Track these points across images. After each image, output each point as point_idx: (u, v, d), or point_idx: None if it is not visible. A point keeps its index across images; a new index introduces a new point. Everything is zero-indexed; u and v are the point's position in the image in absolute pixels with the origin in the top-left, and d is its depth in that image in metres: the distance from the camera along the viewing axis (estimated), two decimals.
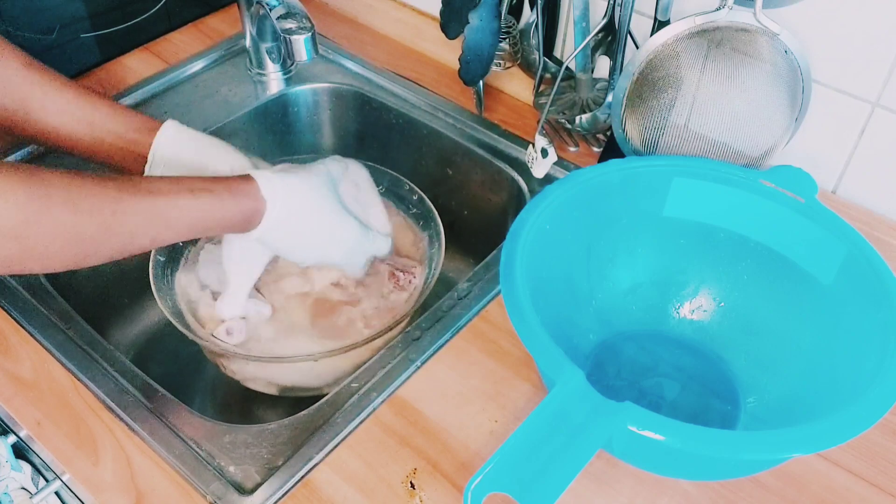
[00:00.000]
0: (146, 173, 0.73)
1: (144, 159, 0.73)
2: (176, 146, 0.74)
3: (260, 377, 0.79)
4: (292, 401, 0.81)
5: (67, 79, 0.72)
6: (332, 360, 0.75)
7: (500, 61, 0.96)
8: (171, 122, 0.75)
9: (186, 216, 0.63)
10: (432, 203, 0.86)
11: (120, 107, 0.74)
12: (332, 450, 0.65)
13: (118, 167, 0.75)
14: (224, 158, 0.75)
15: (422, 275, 0.82)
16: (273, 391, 0.80)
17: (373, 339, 0.74)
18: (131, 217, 0.60)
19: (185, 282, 0.79)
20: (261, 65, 1.02)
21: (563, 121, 0.94)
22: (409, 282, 0.81)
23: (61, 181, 0.57)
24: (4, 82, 0.69)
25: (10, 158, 0.90)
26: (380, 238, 0.77)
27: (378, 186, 0.90)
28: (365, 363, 0.72)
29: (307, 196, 0.69)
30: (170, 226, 0.62)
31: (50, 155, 0.90)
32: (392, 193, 0.90)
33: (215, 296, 0.77)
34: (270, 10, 0.83)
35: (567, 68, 0.85)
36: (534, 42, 0.95)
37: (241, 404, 0.89)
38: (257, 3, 0.91)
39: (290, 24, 0.81)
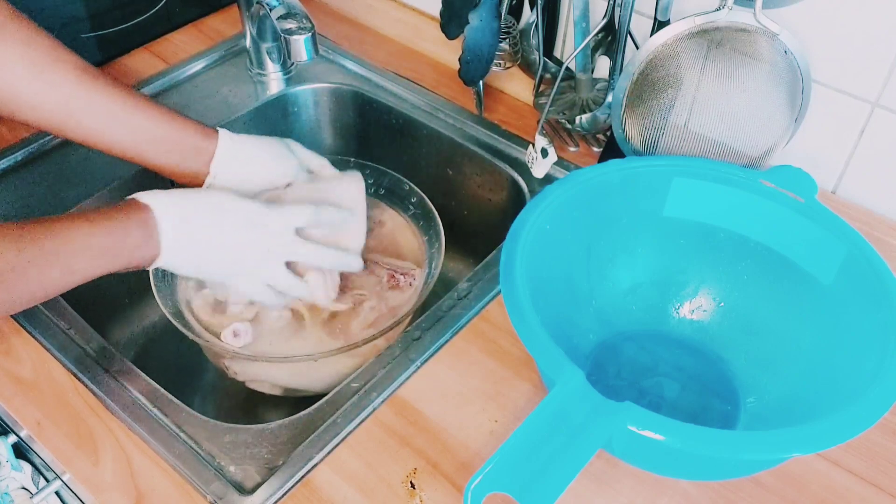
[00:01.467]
0: (206, 185, 0.75)
1: (198, 171, 0.75)
2: (233, 154, 0.75)
3: (264, 379, 0.79)
4: (292, 401, 0.82)
5: (119, 82, 0.73)
6: (334, 362, 0.75)
7: (500, 61, 0.96)
8: (224, 131, 0.76)
9: (88, 241, 0.63)
10: (432, 203, 0.86)
11: (174, 114, 0.74)
12: (332, 450, 0.65)
13: (170, 173, 0.76)
14: (273, 166, 0.77)
15: (421, 276, 0.82)
16: (278, 392, 0.80)
17: (372, 339, 0.74)
18: (35, 248, 0.60)
19: (185, 281, 0.79)
20: (261, 65, 1.02)
21: (563, 121, 0.94)
22: (410, 284, 0.81)
23: None
24: (57, 85, 0.69)
25: (21, 154, 0.90)
26: (298, 244, 0.73)
27: (378, 186, 0.90)
28: (365, 363, 0.72)
29: (200, 211, 0.69)
30: (75, 253, 0.62)
31: (59, 149, 0.90)
32: (392, 193, 0.90)
33: (218, 299, 0.77)
34: (270, 10, 0.83)
35: (567, 68, 0.85)
36: (534, 42, 0.95)
37: (241, 404, 0.90)
38: (257, 3, 0.91)
39: (290, 25, 0.81)
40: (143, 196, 0.67)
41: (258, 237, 0.70)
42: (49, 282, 0.62)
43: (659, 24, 0.81)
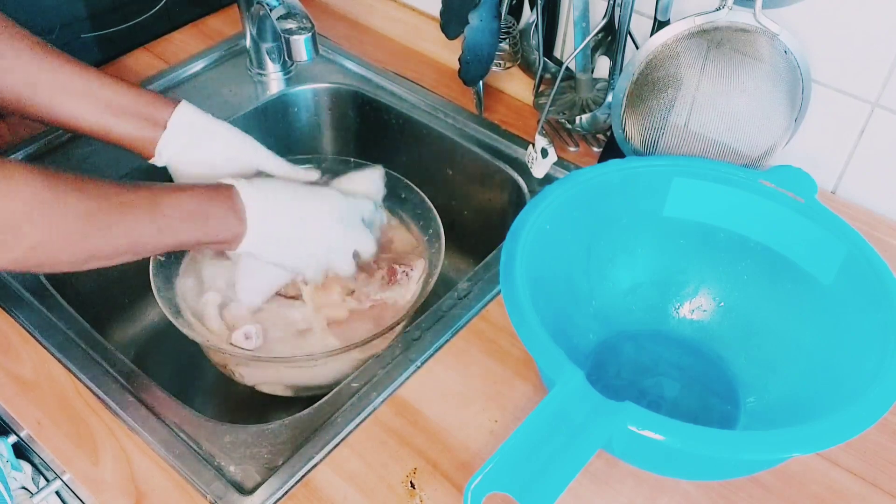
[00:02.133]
0: (158, 148, 0.75)
1: (155, 140, 0.75)
2: (189, 128, 0.75)
3: (273, 381, 0.79)
4: (293, 401, 0.82)
5: (71, 57, 0.73)
6: (342, 356, 0.75)
7: (500, 61, 0.96)
8: (184, 103, 0.76)
9: (182, 205, 0.65)
10: (432, 203, 0.86)
11: (129, 85, 0.75)
12: (332, 450, 0.65)
13: (130, 147, 0.76)
14: (233, 154, 0.77)
15: (421, 268, 0.82)
16: (288, 392, 0.80)
17: (374, 338, 0.74)
18: (135, 207, 0.62)
19: (185, 282, 0.79)
20: (261, 65, 1.02)
21: (563, 121, 0.94)
22: (407, 275, 0.82)
23: (69, 174, 0.60)
24: (12, 64, 0.70)
25: (21, 154, 0.90)
26: (364, 232, 0.77)
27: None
28: (366, 362, 0.72)
29: (284, 203, 0.71)
30: (169, 217, 0.64)
31: (61, 148, 0.90)
32: (392, 193, 0.90)
33: (222, 301, 0.78)
34: (270, 10, 0.83)
35: (567, 68, 0.85)
36: (534, 42, 0.95)
37: (240, 404, 0.90)
38: (257, 3, 0.91)
39: (290, 25, 0.81)
40: (225, 179, 0.69)
41: (342, 229, 0.74)
42: (143, 238, 0.63)
43: (659, 24, 0.81)
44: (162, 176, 0.77)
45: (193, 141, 0.75)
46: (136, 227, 0.63)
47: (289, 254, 0.72)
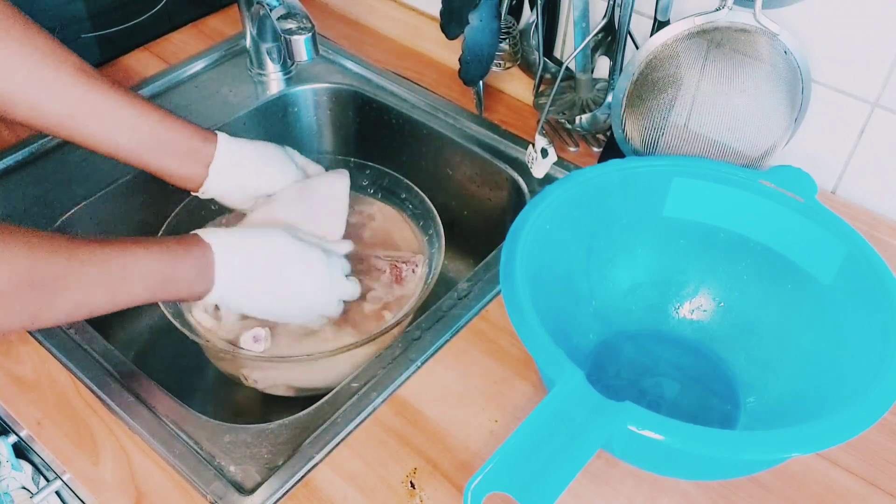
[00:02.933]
0: (204, 187, 0.76)
1: (201, 170, 0.75)
2: (232, 159, 0.76)
3: (283, 382, 0.79)
4: (293, 401, 0.81)
5: (118, 85, 0.72)
6: (350, 356, 0.75)
7: (500, 62, 0.96)
8: (223, 136, 0.76)
9: (140, 268, 0.62)
10: (432, 203, 0.86)
11: (173, 117, 0.74)
12: (332, 450, 0.65)
13: (168, 177, 0.76)
14: (273, 172, 0.78)
15: (423, 262, 0.83)
16: (292, 393, 0.80)
17: (381, 334, 0.74)
18: (86, 267, 0.59)
19: None
20: (261, 65, 1.02)
21: (563, 121, 0.94)
22: (413, 271, 0.82)
23: (19, 230, 0.57)
24: (57, 87, 0.69)
25: (21, 154, 0.90)
26: (347, 283, 0.76)
27: (378, 186, 0.90)
28: (381, 351, 0.72)
29: (259, 256, 0.69)
30: (125, 279, 0.61)
31: (60, 149, 0.91)
32: (392, 193, 0.90)
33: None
34: (271, 10, 0.83)
35: (567, 68, 0.85)
36: (534, 42, 0.95)
37: (241, 404, 0.90)
38: (258, 3, 0.91)
39: (290, 25, 0.81)
40: (203, 233, 0.67)
41: (321, 287, 0.72)
42: (92, 303, 0.61)
43: (659, 25, 0.81)
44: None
45: (236, 174, 0.76)
46: (88, 290, 0.60)
47: (261, 310, 0.71)
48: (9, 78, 0.67)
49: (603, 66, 0.93)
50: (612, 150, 0.85)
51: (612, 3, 0.83)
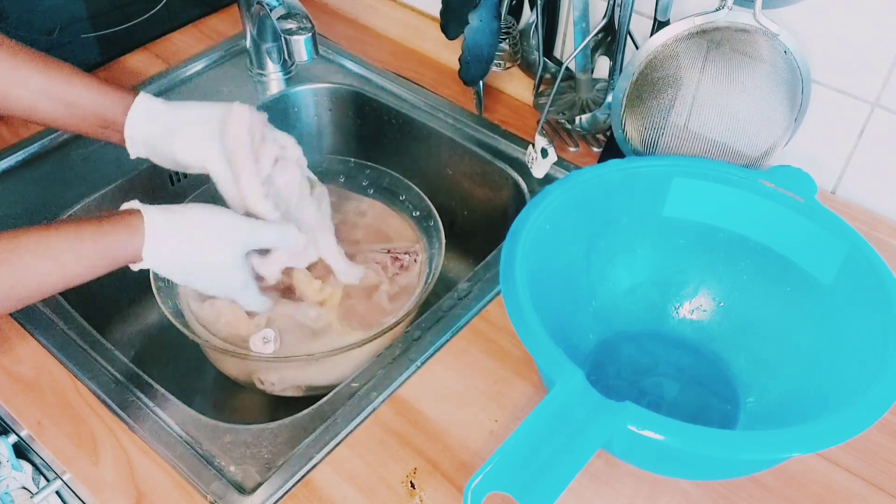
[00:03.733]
0: (131, 155, 0.74)
1: (118, 139, 0.73)
2: (149, 123, 0.73)
3: (299, 383, 0.79)
4: (293, 401, 0.81)
5: (40, 54, 0.72)
6: (359, 352, 0.75)
7: (500, 62, 0.97)
8: (142, 97, 0.73)
9: (75, 241, 0.62)
10: (432, 203, 0.86)
11: (95, 82, 0.73)
12: (332, 449, 0.65)
13: (104, 139, 0.75)
14: (189, 144, 0.73)
15: (422, 251, 0.84)
16: (301, 393, 0.81)
17: (388, 329, 0.75)
18: (22, 251, 0.60)
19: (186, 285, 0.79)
20: (261, 65, 1.02)
21: (562, 121, 0.94)
22: (415, 261, 0.82)
23: None
24: None
25: (22, 154, 0.90)
26: (260, 298, 0.74)
27: (378, 186, 0.91)
28: (392, 342, 0.73)
29: (189, 234, 0.67)
30: (61, 251, 0.61)
31: (61, 148, 0.90)
32: (392, 193, 0.90)
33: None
34: (271, 10, 0.83)
35: (567, 68, 0.85)
36: (534, 42, 0.95)
37: (241, 404, 0.90)
38: (258, 3, 0.91)
39: (290, 25, 0.81)
40: (135, 203, 0.67)
41: (238, 260, 0.70)
42: (35, 279, 0.61)
43: (659, 25, 0.81)
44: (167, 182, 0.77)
45: (157, 143, 0.73)
46: (25, 276, 0.60)
47: (191, 277, 0.70)
48: None
49: (603, 66, 0.93)
50: (612, 150, 0.85)
51: (612, 3, 0.83)
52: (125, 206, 0.67)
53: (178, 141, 0.72)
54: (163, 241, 0.66)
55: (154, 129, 0.73)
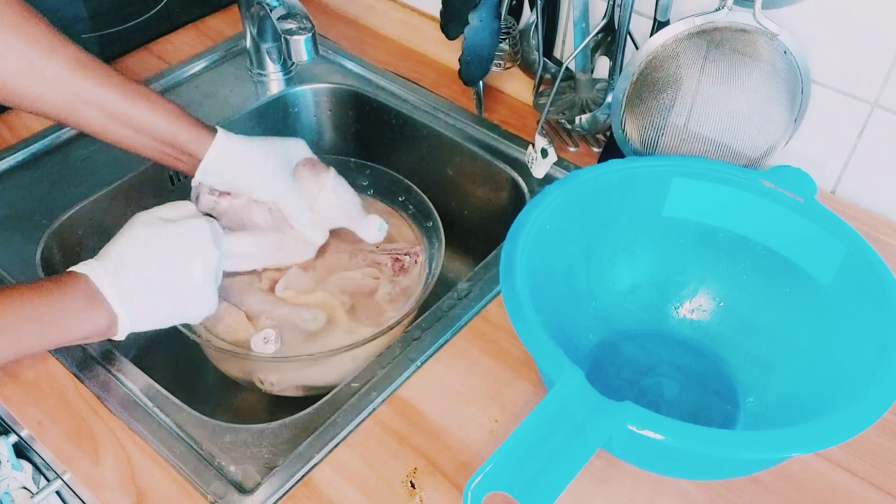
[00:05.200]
0: (196, 180, 0.75)
1: (193, 168, 0.74)
2: (226, 158, 0.74)
3: (299, 383, 0.80)
4: (293, 401, 0.81)
5: (121, 78, 0.72)
6: (361, 351, 0.76)
7: (500, 62, 0.97)
8: (221, 135, 0.74)
9: (25, 309, 0.59)
10: (432, 203, 0.86)
11: (170, 114, 0.73)
12: (332, 449, 0.65)
13: (173, 168, 0.76)
14: (265, 184, 0.75)
15: (423, 252, 0.84)
16: (301, 393, 0.81)
17: (375, 337, 0.75)
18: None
19: None
20: (261, 65, 1.02)
21: (562, 121, 0.94)
22: (416, 262, 0.82)
23: None
24: (56, 79, 0.69)
25: (22, 154, 0.90)
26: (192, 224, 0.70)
27: (378, 186, 0.91)
28: (393, 342, 0.73)
29: (137, 265, 0.65)
30: (9, 326, 0.59)
31: (61, 148, 0.91)
32: (392, 193, 0.90)
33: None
34: (271, 10, 0.84)
35: (567, 69, 0.85)
36: (534, 42, 0.95)
37: (241, 404, 0.90)
38: (258, 3, 0.91)
39: (290, 25, 0.81)
40: (75, 268, 0.64)
41: (207, 243, 0.69)
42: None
43: (658, 25, 0.81)
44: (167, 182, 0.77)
45: (230, 174, 0.75)
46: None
47: (177, 313, 0.69)
48: (7, 71, 0.67)
49: (603, 66, 0.93)
50: (611, 150, 0.85)
51: (612, 3, 0.83)
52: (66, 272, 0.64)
53: (254, 180, 0.75)
54: (132, 290, 0.64)
55: (229, 164, 0.74)
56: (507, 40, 0.95)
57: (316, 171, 0.78)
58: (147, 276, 0.65)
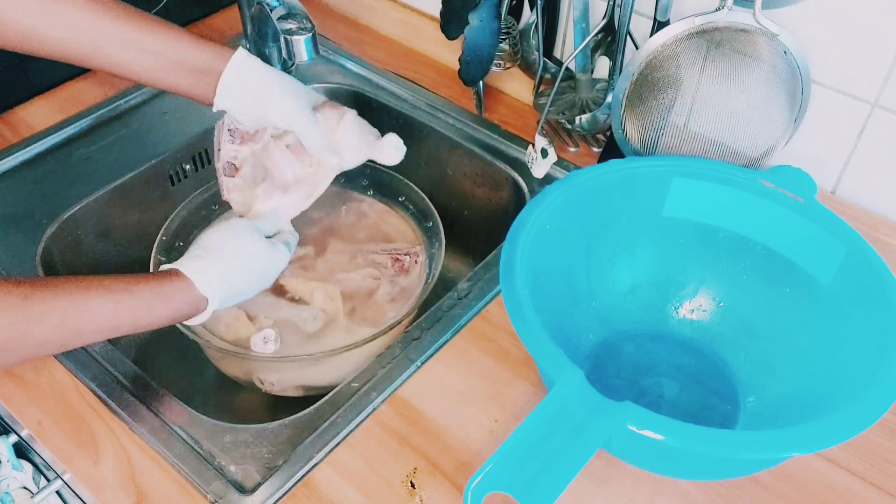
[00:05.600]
0: (215, 103, 0.75)
1: (213, 89, 0.74)
2: (246, 77, 0.74)
3: (299, 383, 0.80)
4: (293, 401, 0.82)
5: (132, 9, 0.72)
6: (360, 351, 0.76)
7: (500, 62, 0.97)
8: (241, 52, 0.74)
9: (100, 319, 0.61)
10: (432, 203, 0.86)
11: (188, 36, 0.74)
12: (332, 449, 0.65)
13: (187, 95, 0.76)
14: (284, 105, 0.75)
15: (423, 253, 0.84)
16: (301, 393, 0.81)
17: (375, 337, 0.75)
18: (38, 320, 0.58)
19: None
20: None
21: (562, 121, 0.94)
22: (416, 262, 0.82)
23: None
24: (70, 21, 0.69)
25: (23, 154, 0.90)
26: (282, 251, 0.75)
27: (378, 186, 0.91)
28: (393, 342, 0.73)
29: (241, 271, 0.70)
30: (80, 332, 0.60)
31: (62, 148, 0.90)
32: (392, 193, 0.90)
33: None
34: (271, 10, 0.84)
35: (567, 69, 0.85)
36: (534, 42, 0.95)
37: (241, 404, 0.90)
38: (258, 3, 0.91)
39: (290, 25, 0.81)
40: (175, 265, 0.67)
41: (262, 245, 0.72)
42: (45, 353, 0.60)
43: (658, 25, 0.81)
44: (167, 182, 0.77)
45: (244, 95, 0.75)
46: (40, 348, 0.59)
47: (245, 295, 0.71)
48: (20, 14, 0.68)
49: (603, 66, 0.93)
50: (611, 150, 0.85)
51: (612, 3, 0.83)
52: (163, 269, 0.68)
53: (273, 101, 0.75)
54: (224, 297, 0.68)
55: (249, 84, 0.74)
56: (507, 40, 0.95)
57: (338, 108, 0.78)
58: (234, 269, 0.69)
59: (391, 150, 0.79)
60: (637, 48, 0.84)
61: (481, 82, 0.94)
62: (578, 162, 0.91)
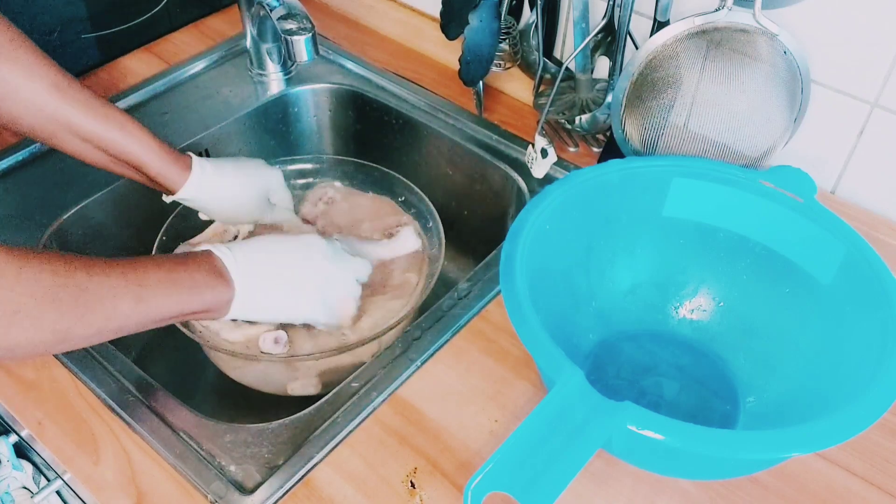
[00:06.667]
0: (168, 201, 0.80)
1: (169, 188, 0.77)
2: (201, 189, 0.78)
3: (308, 377, 0.80)
4: (293, 400, 0.82)
5: (97, 100, 0.73)
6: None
7: (500, 62, 0.97)
8: (196, 168, 0.77)
9: (165, 274, 0.62)
10: (432, 203, 0.86)
11: (148, 137, 0.74)
12: (332, 449, 0.65)
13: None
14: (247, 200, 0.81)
15: (410, 220, 0.87)
16: (311, 391, 0.81)
17: (375, 337, 0.75)
18: (108, 278, 0.58)
19: None
20: (261, 65, 1.02)
21: (562, 121, 0.94)
22: (406, 226, 0.86)
23: (35, 250, 0.57)
24: (33, 103, 0.69)
25: (21, 155, 0.90)
26: (356, 260, 0.76)
27: (378, 186, 0.91)
28: (398, 333, 0.74)
29: (267, 255, 0.69)
30: (146, 286, 0.60)
31: (56, 151, 0.91)
32: (392, 193, 0.90)
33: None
34: (271, 10, 0.84)
35: (567, 69, 0.85)
36: (534, 43, 0.95)
37: (241, 403, 0.90)
38: (258, 3, 0.91)
39: (290, 25, 0.81)
40: (205, 246, 0.67)
41: (334, 263, 0.73)
42: (120, 311, 0.59)
43: (658, 25, 0.81)
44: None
45: (205, 206, 0.80)
46: (114, 300, 0.58)
47: (287, 305, 0.70)
48: None
49: (603, 66, 0.93)
50: (611, 150, 0.85)
51: (612, 3, 0.83)
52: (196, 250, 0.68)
53: (228, 210, 0.81)
54: (252, 280, 0.68)
55: (204, 195, 0.79)
56: (507, 40, 0.95)
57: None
58: (266, 264, 0.69)
59: (412, 239, 0.85)
60: (637, 48, 0.84)
61: (481, 82, 0.94)
62: (578, 162, 0.91)
